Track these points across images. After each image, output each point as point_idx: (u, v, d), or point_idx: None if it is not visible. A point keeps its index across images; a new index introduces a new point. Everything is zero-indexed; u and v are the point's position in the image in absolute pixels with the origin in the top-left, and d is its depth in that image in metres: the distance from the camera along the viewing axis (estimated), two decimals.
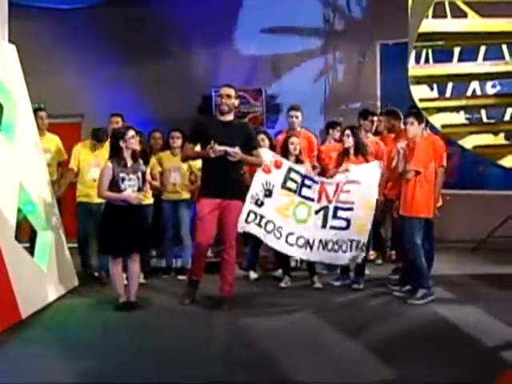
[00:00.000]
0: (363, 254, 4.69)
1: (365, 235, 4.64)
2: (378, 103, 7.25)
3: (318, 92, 7.59)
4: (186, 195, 5.35)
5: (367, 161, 4.77)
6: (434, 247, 4.73)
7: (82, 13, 7.63)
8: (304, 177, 4.69)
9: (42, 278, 4.48)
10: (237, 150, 4.15)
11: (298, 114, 5.30)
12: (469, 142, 4.81)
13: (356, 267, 4.97)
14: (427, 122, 4.83)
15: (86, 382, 3.05)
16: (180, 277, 5.29)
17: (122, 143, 4.21)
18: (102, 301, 4.51)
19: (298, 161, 4.87)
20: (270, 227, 4.60)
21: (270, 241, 4.64)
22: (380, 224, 5.48)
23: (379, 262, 5.82)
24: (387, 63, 7.31)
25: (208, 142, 4.14)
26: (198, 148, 4.39)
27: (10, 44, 4.81)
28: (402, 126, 4.90)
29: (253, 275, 5.31)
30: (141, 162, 4.40)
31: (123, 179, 4.18)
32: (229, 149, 4.12)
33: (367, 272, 5.10)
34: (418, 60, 4.47)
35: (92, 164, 5.09)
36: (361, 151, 4.80)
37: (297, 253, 4.73)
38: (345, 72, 7.63)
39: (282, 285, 4.98)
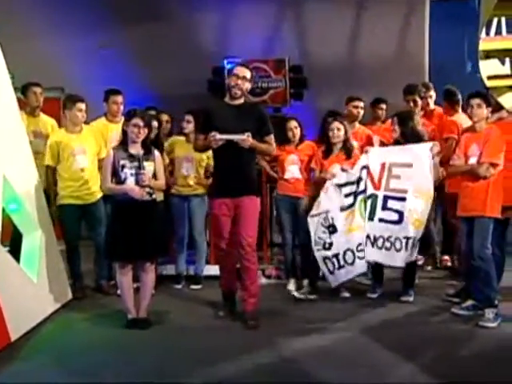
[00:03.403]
0: (416, 252, 4.64)
1: (420, 232, 4.58)
2: (426, 76, 7.14)
3: (352, 63, 7.52)
4: (200, 190, 5.31)
5: None
6: (505, 255, 4.70)
7: None
8: (358, 179, 4.83)
9: (33, 291, 4.42)
10: (246, 136, 4.17)
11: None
12: None
13: (403, 275, 4.95)
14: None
15: None
16: (194, 286, 5.30)
17: (126, 127, 4.26)
18: (103, 315, 4.57)
19: (346, 148, 4.97)
20: (349, 258, 4.79)
21: (361, 268, 4.81)
22: (429, 221, 5.42)
23: (429, 268, 5.82)
24: (438, 25, 7.14)
25: (216, 130, 4.20)
26: None
27: None
28: None
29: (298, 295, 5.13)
30: (156, 153, 4.35)
31: (123, 167, 4.17)
32: (234, 136, 4.17)
33: (416, 281, 5.06)
34: (487, 31, 4.40)
35: (76, 151, 4.96)
36: (410, 142, 4.71)
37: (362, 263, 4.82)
38: (385, 38, 7.46)
39: (298, 295, 5.00)
